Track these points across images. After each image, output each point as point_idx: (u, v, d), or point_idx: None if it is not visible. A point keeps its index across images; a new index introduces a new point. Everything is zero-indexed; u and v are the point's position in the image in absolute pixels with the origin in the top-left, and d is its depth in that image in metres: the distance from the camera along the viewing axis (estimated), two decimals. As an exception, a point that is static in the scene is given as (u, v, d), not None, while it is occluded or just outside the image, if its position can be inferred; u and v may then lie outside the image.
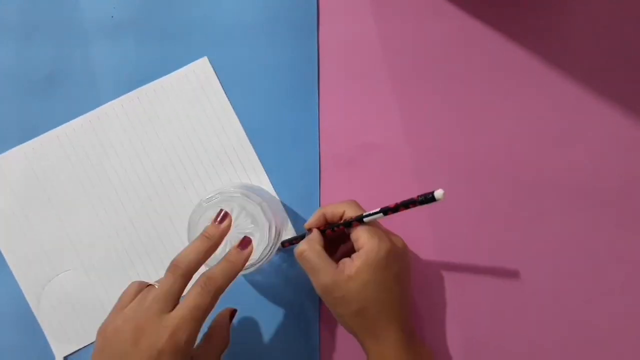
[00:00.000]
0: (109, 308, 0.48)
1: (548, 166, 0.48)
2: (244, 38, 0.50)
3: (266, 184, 0.49)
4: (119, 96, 0.50)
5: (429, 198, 0.35)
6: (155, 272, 0.49)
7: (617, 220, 0.47)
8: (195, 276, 0.39)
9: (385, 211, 0.38)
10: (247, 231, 0.42)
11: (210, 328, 0.44)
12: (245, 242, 0.40)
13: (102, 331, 0.38)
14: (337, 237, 0.44)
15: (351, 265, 0.40)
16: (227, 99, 0.50)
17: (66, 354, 0.49)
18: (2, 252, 0.50)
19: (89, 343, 0.49)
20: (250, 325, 0.49)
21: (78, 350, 0.49)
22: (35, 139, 0.50)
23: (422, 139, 0.49)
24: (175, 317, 0.36)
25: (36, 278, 0.49)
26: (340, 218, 0.43)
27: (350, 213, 0.42)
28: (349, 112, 0.50)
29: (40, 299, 0.49)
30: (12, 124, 0.50)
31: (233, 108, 0.50)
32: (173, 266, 0.38)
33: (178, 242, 0.49)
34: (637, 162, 0.47)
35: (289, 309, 0.49)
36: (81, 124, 0.50)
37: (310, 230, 0.44)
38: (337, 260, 0.41)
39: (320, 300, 0.48)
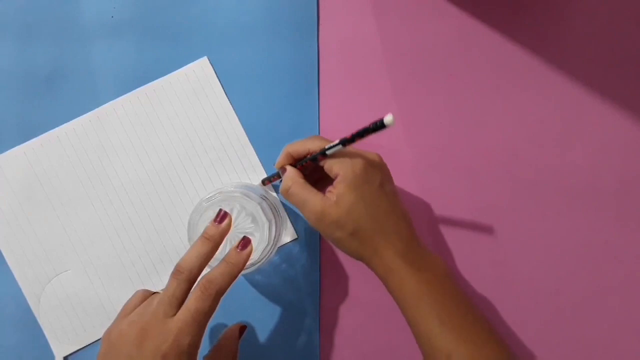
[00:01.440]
0: (109, 308, 0.49)
1: (548, 166, 0.48)
2: (244, 38, 0.50)
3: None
4: (119, 96, 0.50)
5: (379, 125, 0.36)
6: (155, 271, 0.49)
7: (617, 219, 0.47)
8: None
9: (344, 142, 0.39)
10: (247, 231, 0.42)
11: (221, 339, 0.44)
12: (245, 243, 0.40)
13: (106, 335, 0.38)
14: (317, 177, 0.44)
15: (334, 191, 0.40)
16: (227, 98, 0.50)
17: (66, 354, 0.49)
18: (2, 252, 0.50)
19: (88, 343, 0.49)
20: (250, 325, 0.48)
21: (78, 350, 0.49)
22: (36, 138, 0.50)
23: (422, 139, 0.49)
24: (178, 320, 0.36)
25: (36, 278, 0.49)
26: (306, 155, 0.43)
27: (314, 148, 0.42)
28: (349, 112, 0.50)
29: (40, 299, 0.49)
30: (12, 123, 0.50)
31: (233, 108, 0.50)
32: (176, 271, 0.38)
33: (178, 242, 0.49)
34: (637, 162, 0.47)
35: (289, 309, 0.48)
36: (81, 124, 0.50)
37: (282, 169, 0.44)
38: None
39: (320, 300, 0.48)
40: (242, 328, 0.46)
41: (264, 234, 0.42)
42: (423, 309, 0.39)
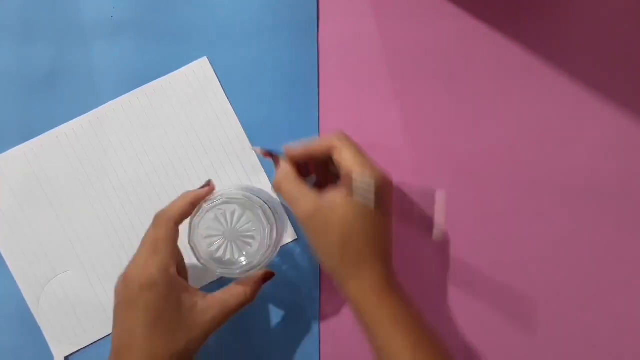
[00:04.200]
0: (108, 308, 0.49)
1: (548, 166, 0.48)
2: (244, 38, 0.50)
3: (266, 185, 0.49)
4: (119, 96, 0.50)
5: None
6: (155, 272, 0.49)
7: (617, 219, 0.47)
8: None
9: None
10: (248, 233, 0.42)
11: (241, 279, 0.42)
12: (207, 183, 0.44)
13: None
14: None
15: (336, 191, 0.39)
16: (227, 98, 0.50)
17: (66, 355, 0.49)
18: (2, 252, 0.49)
19: (88, 343, 0.49)
20: (251, 325, 0.48)
21: (78, 350, 0.49)
22: (35, 139, 0.50)
23: (422, 139, 0.49)
24: (140, 256, 0.39)
25: (35, 278, 0.49)
26: (325, 156, 0.41)
27: (346, 156, 0.39)
28: (349, 112, 0.50)
29: (39, 299, 0.49)
30: (12, 124, 0.50)
31: (233, 108, 0.50)
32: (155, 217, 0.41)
33: (178, 242, 0.49)
34: (637, 162, 0.47)
35: (289, 310, 0.48)
36: (81, 124, 0.50)
37: (275, 159, 0.44)
38: None
39: (320, 300, 0.48)
40: (269, 274, 0.43)
41: (264, 238, 0.42)
42: (399, 336, 0.38)
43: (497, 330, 0.47)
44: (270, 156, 0.45)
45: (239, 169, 0.49)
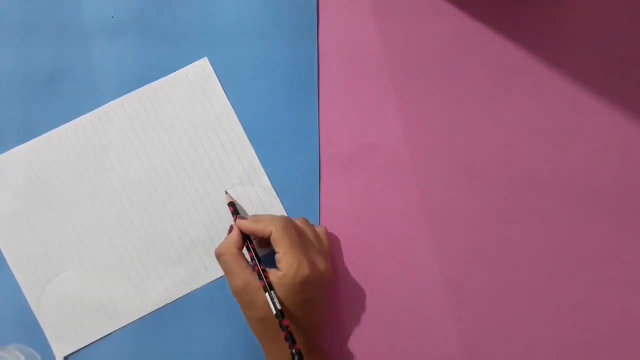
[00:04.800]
0: (109, 307, 0.49)
1: (547, 166, 0.48)
2: (244, 38, 0.50)
3: (266, 185, 0.49)
4: (119, 96, 0.50)
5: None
6: (155, 271, 0.49)
7: (617, 220, 0.47)
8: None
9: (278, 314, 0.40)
10: None
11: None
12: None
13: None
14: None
15: (269, 273, 0.42)
16: (227, 99, 0.50)
17: (66, 354, 0.49)
18: (3, 251, 0.50)
19: (89, 343, 0.49)
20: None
21: (78, 350, 0.49)
22: (36, 139, 0.50)
23: (422, 139, 0.49)
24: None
25: (36, 278, 0.49)
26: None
27: (279, 249, 0.42)
28: (349, 112, 0.50)
29: (40, 298, 0.49)
30: (13, 124, 0.50)
31: (233, 108, 0.50)
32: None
33: (178, 242, 0.49)
34: (637, 163, 0.47)
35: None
36: (82, 124, 0.50)
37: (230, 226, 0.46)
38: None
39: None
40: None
41: None
42: None
43: (494, 330, 0.47)
44: (232, 210, 0.47)
45: (239, 168, 0.50)
